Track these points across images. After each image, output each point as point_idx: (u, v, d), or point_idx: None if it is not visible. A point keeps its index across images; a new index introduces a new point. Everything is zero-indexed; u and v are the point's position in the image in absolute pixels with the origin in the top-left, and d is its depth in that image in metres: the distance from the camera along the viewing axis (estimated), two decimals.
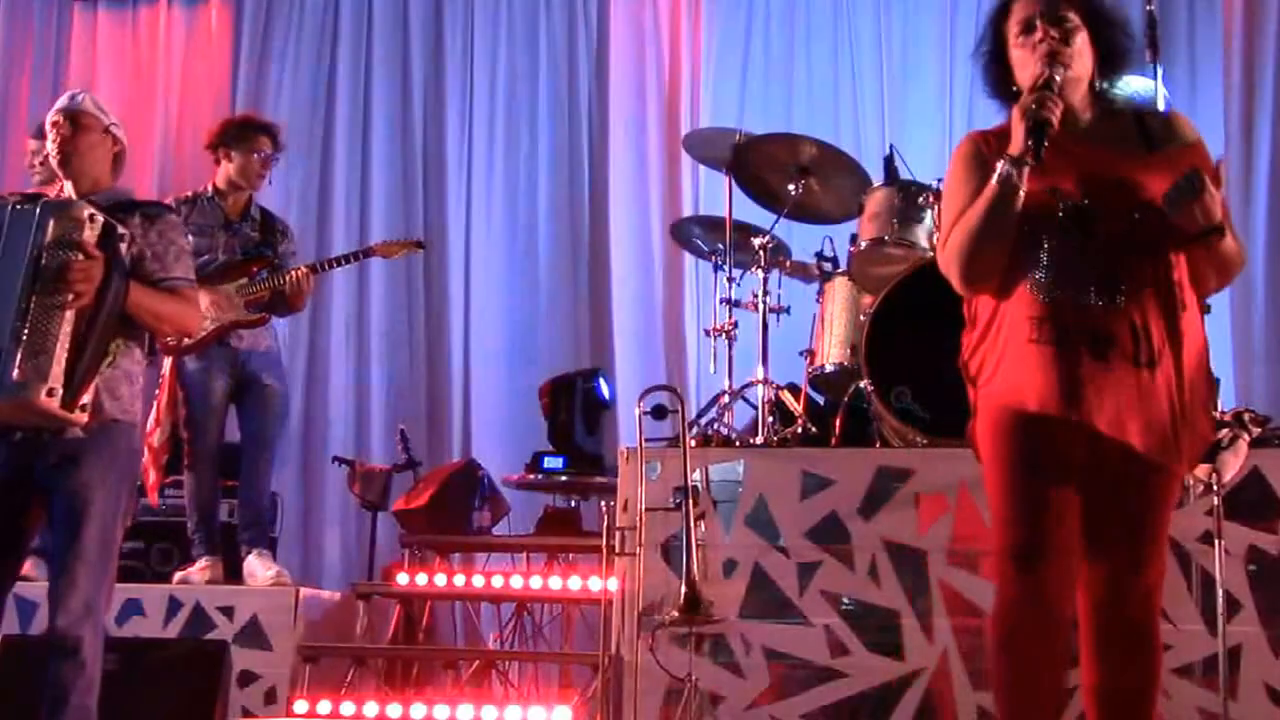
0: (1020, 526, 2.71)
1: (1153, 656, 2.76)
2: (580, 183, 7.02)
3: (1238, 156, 6.39)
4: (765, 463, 4.36)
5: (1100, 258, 2.70)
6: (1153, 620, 2.75)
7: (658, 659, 4.10)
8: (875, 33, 6.78)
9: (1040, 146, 2.68)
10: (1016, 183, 2.69)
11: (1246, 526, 3.99)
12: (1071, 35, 2.79)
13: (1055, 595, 2.70)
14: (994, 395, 2.78)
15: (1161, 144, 2.81)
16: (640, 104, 7.00)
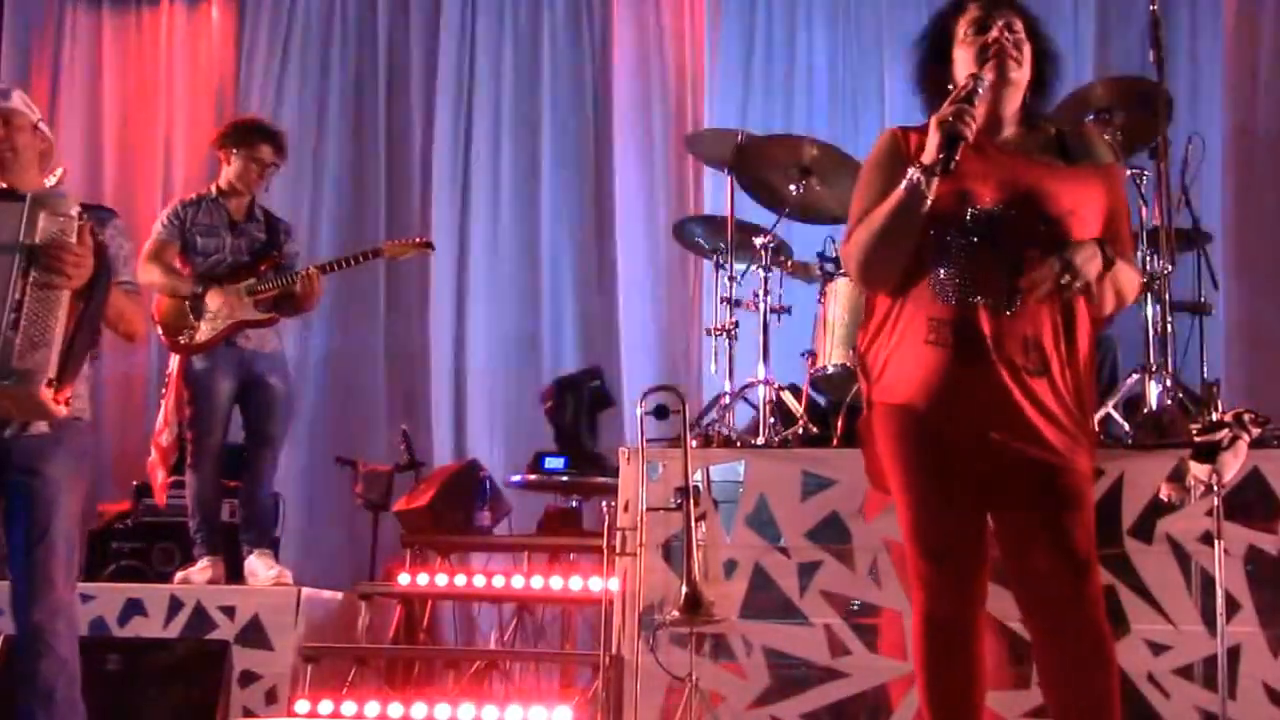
0: (928, 526, 2.78)
1: (1111, 664, 2.77)
2: (585, 182, 7.03)
3: (1235, 153, 6.39)
4: (766, 463, 4.37)
5: (1002, 265, 2.73)
6: (1105, 626, 2.77)
7: (658, 659, 4.11)
8: (878, 33, 6.79)
9: (951, 159, 2.70)
10: (924, 191, 2.71)
11: (1246, 527, 3.98)
12: (1021, 44, 2.85)
13: (972, 590, 2.77)
14: (887, 392, 2.83)
15: (1078, 160, 2.86)
16: (644, 103, 7.01)
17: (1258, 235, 6.41)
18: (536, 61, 7.12)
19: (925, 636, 2.82)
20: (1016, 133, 2.89)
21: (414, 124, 7.16)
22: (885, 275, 2.82)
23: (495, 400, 6.83)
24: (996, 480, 2.76)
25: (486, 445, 6.66)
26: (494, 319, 6.95)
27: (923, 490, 2.79)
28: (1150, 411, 4.51)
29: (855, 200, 2.91)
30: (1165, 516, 4.01)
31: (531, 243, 7.01)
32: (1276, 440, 4.25)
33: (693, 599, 3.86)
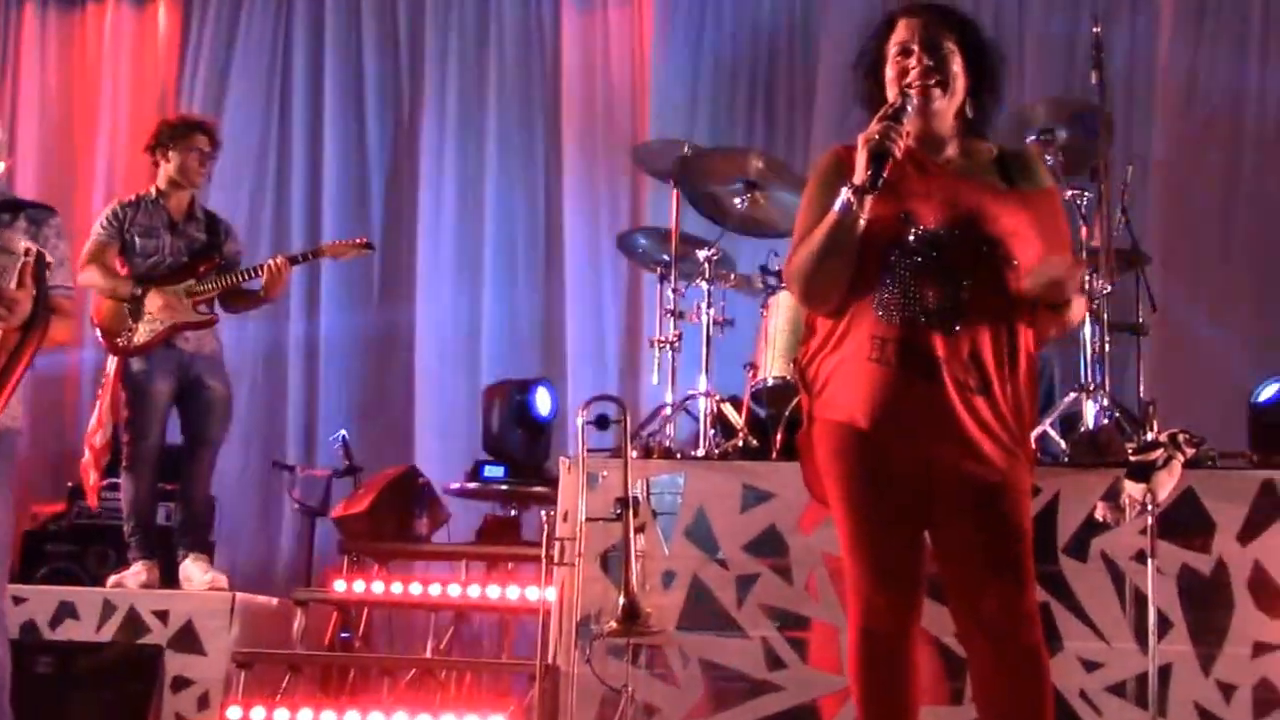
0: (866, 542, 2.78)
1: (1045, 681, 2.78)
2: (531, 192, 7.03)
3: (1173, 171, 6.49)
4: (706, 475, 4.37)
5: (944, 285, 2.74)
6: (1041, 643, 2.79)
7: (594, 669, 4.10)
8: (828, 48, 6.83)
9: (879, 176, 2.70)
10: (856, 211, 2.72)
11: (1179, 546, 4.04)
12: (945, 63, 2.84)
13: (908, 606, 2.78)
14: (828, 408, 2.83)
15: (1017, 181, 2.87)
16: (591, 114, 7.01)
17: (1192, 257, 6.50)
18: (484, 70, 7.10)
19: (861, 651, 2.83)
20: (958, 152, 2.90)
21: (362, 132, 7.11)
22: (826, 294, 2.83)
23: (436, 408, 6.80)
24: (935, 497, 2.77)
25: (426, 452, 6.62)
26: (436, 326, 6.92)
27: (861, 505, 2.80)
28: (1087, 430, 4.56)
29: (799, 218, 2.92)
30: (1100, 535, 4.06)
31: (476, 251, 6.99)
32: (1210, 461, 4.32)
33: (630, 610, 3.85)
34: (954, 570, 2.80)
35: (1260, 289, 6.46)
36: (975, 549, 2.76)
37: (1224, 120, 6.56)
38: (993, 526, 2.75)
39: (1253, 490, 4.10)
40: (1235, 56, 6.58)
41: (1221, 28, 6.62)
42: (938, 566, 2.83)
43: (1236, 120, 6.55)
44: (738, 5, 7.00)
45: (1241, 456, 4.96)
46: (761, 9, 6.98)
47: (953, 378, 2.72)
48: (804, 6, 6.94)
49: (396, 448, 6.71)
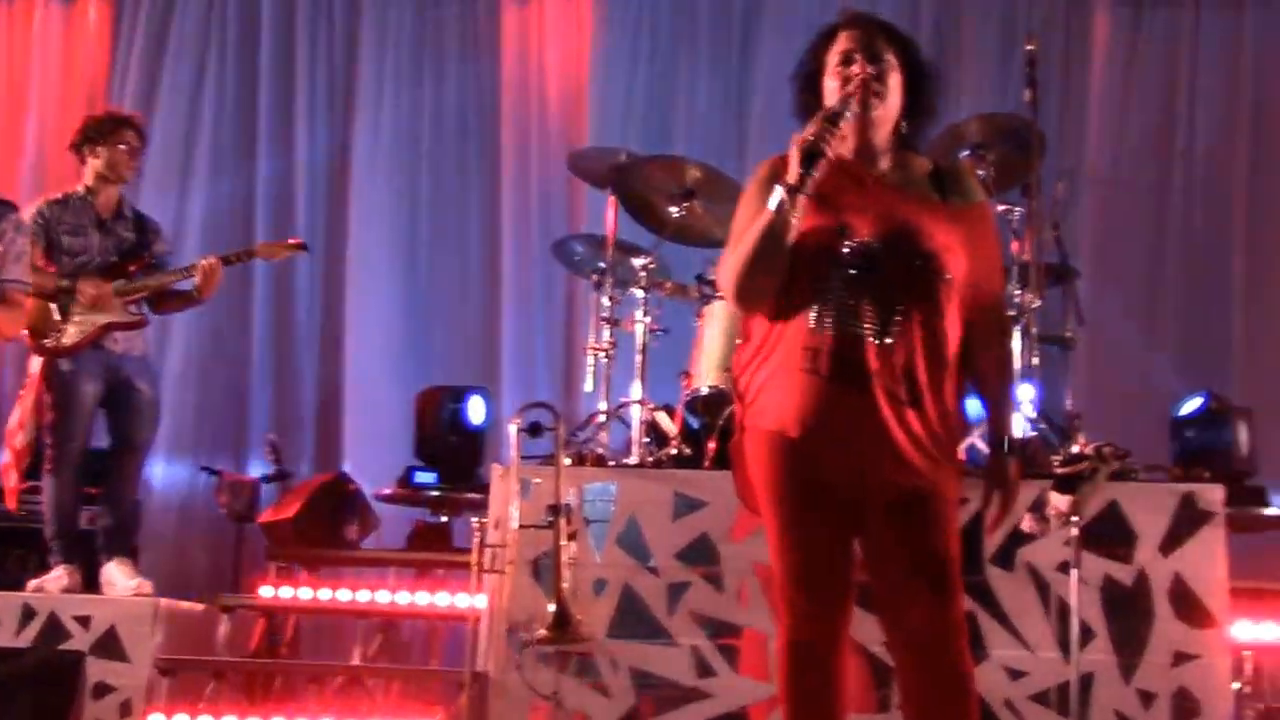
0: (796, 551, 2.80)
1: (971, 690, 2.81)
2: (468, 196, 7.00)
3: (1098, 187, 6.62)
4: (638, 483, 4.38)
5: (878, 297, 2.77)
6: (967, 652, 2.82)
7: (524, 677, 4.08)
8: (765, 57, 6.88)
9: (809, 175, 2.72)
10: (788, 210, 2.73)
11: (1103, 557, 4.10)
12: (885, 74, 2.87)
13: (837, 615, 2.81)
14: (760, 417, 2.85)
15: (951, 196, 2.91)
16: (529, 119, 7.00)
17: (1122, 272, 6.63)
18: (420, 72, 7.08)
19: (789, 659, 2.84)
20: (892, 165, 2.93)
21: (295, 131, 7.06)
22: (758, 296, 2.83)
23: (367, 413, 6.75)
24: (865, 506, 2.79)
25: (357, 458, 6.57)
26: (368, 331, 6.87)
27: (792, 515, 2.81)
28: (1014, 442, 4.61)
29: (735, 224, 2.93)
30: (1026, 545, 4.10)
31: (411, 255, 6.95)
32: (1134, 474, 4.39)
33: (560, 618, 3.84)
34: (882, 579, 2.83)
35: (1188, 305, 6.60)
36: (903, 559, 2.78)
37: (1156, 138, 6.71)
38: (921, 537, 2.78)
39: (1174, 503, 4.18)
40: (1167, 74, 6.73)
41: (1154, 46, 6.76)
42: (866, 575, 2.85)
43: (1168, 137, 6.69)
44: (675, 11, 7.03)
45: (1164, 470, 5.06)
46: (699, 16, 7.02)
47: (884, 389, 2.74)
48: (743, 16, 6.98)
49: (327, 453, 6.65)
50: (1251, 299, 6.55)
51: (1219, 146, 6.68)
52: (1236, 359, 6.50)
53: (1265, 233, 6.61)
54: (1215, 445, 5.34)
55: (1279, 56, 6.72)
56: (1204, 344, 6.54)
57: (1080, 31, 6.82)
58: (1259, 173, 6.65)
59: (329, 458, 6.62)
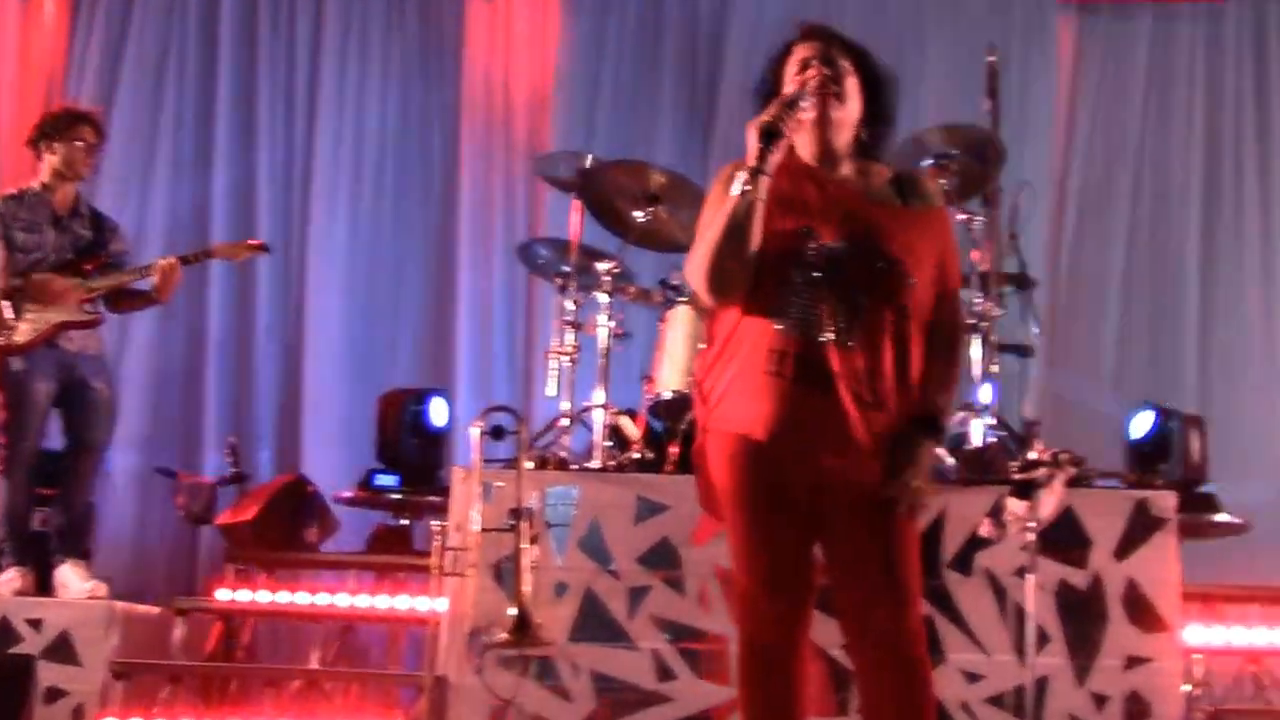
0: (758, 555, 2.82)
1: (929, 693, 2.84)
2: (431, 198, 6.99)
3: (1056, 198, 6.71)
4: (600, 487, 4.38)
5: (842, 300, 2.79)
6: (926, 656, 2.84)
7: (484, 680, 4.08)
8: (730, 63, 6.91)
9: (768, 153, 2.75)
10: (750, 192, 2.76)
11: (1058, 562, 4.15)
12: (842, 78, 2.91)
13: (797, 619, 2.83)
14: (724, 420, 2.86)
15: (911, 201, 2.95)
16: (493, 122, 7.00)
17: (1079, 281, 6.72)
18: (385, 73, 7.06)
19: (748, 663, 2.86)
20: (854, 171, 2.96)
21: (256, 131, 7.01)
22: (727, 284, 2.83)
23: (328, 415, 6.72)
24: (828, 511, 2.81)
25: (318, 460, 6.54)
26: (330, 333, 6.84)
27: (754, 519, 2.83)
28: (973, 449, 4.67)
29: (699, 226, 2.95)
30: (984, 550, 4.15)
31: (373, 256, 6.93)
32: (1089, 480, 4.46)
33: (521, 621, 3.85)
34: (843, 583, 2.84)
35: (1145, 313, 6.71)
36: (864, 563, 2.80)
37: (1115, 148, 6.81)
38: (882, 541, 2.80)
39: (1128, 509, 4.24)
40: (1128, 88, 6.84)
41: (1114, 57, 6.87)
42: (827, 579, 2.87)
43: (1127, 147, 6.80)
44: (642, 16, 7.05)
45: (1119, 476, 5.13)
46: (667, 22, 7.05)
47: (849, 392, 2.76)
48: (710, 24, 7.02)
49: (286, 455, 6.61)
50: (1206, 307, 6.67)
51: (1175, 156, 6.80)
52: (1190, 366, 6.60)
53: (1219, 241, 6.73)
54: (1167, 452, 5.41)
55: (1231, 68, 6.84)
56: (1160, 351, 6.64)
57: (1041, 43, 6.91)
58: (1212, 183, 6.77)
59: (289, 460, 6.58)
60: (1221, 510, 5.33)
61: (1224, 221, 6.74)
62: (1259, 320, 6.62)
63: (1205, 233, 6.73)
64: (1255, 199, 6.72)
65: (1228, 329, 6.63)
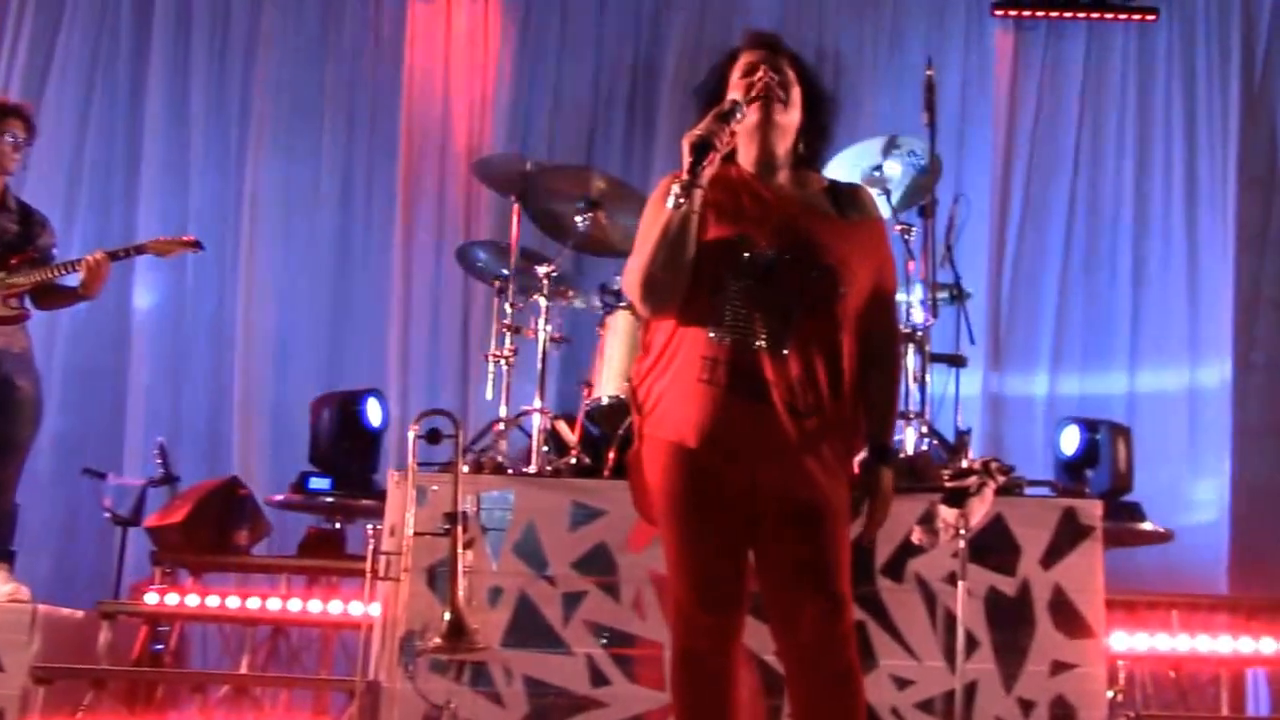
0: (692, 561, 2.83)
1: (860, 699, 2.86)
2: (370, 200, 6.94)
3: (998, 208, 6.83)
4: (536, 492, 4.38)
5: (776, 308, 2.82)
6: (857, 662, 2.86)
7: (416, 686, 4.05)
8: (673, 70, 6.94)
9: (698, 168, 2.77)
10: (685, 205, 2.78)
11: (988, 569, 4.21)
12: (788, 86, 2.94)
13: (731, 625, 2.85)
14: (659, 427, 2.88)
15: (847, 212, 2.98)
16: (433, 124, 6.97)
17: (1014, 291, 6.82)
18: (322, 71, 7.00)
19: (681, 668, 2.87)
20: (791, 180, 2.98)
21: (190, 129, 6.92)
22: (663, 296, 2.85)
23: (261, 417, 6.65)
24: (761, 518, 2.82)
25: (251, 463, 6.47)
26: (265, 333, 6.77)
27: (688, 525, 2.84)
28: (906, 456, 4.73)
29: (638, 236, 2.96)
30: (915, 557, 4.21)
31: (309, 256, 6.87)
32: (1019, 489, 4.52)
33: (455, 626, 3.83)
34: (775, 589, 2.86)
35: (1077, 324, 6.82)
36: (796, 569, 2.82)
37: (1051, 158, 6.93)
38: (814, 547, 2.81)
39: (1056, 517, 4.32)
40: (1064, 101, 6.96)
41: (1053, 73, 6.99)
42: (759, 585, 2.89)
43: (1063, 158, 6.91)
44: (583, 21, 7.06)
45: (1047, 485, 5.21)
46: (607, 26, 7.06)
47: (782, 400, 2.78)
48: (650, 28, 7.04)
49: (218, 457, 6.54)
50: (1137, 318, 6.80)
51: (1109, 169, 6.94)
52: (1120, 375, 6.73)
53: (1150, 252, 6.86)
54: (1095, 462, 5.51)
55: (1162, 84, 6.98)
56: (1091, 361, 6.77)
57: (980, 58, 7.02)
58: (1143, 196, 6.91)
59: (221, 462, 6.50)
60: (1146, 519, 5.44)
61: (1154, 233, 6.89)
62: (1184, 331, 6.77)
63: (1137, 245, 6.88)
64: (1181, 212, 6.87)
65: (1157, 339, 6.77)
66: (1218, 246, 6.79)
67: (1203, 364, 6.72)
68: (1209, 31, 6.99)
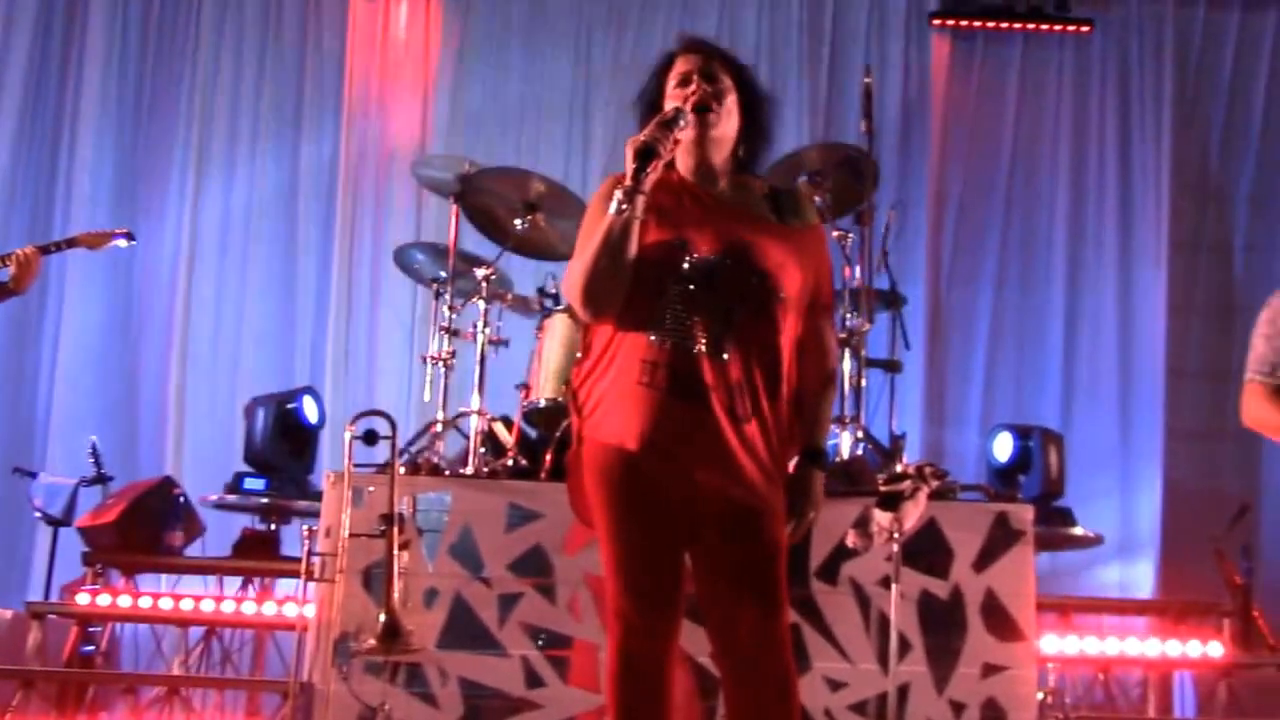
0: (629, 564, 2.84)
1: (794, 701, 2.88)
2: (307, 200, 6.89)
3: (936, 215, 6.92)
4: (473, 493, 4.37)
5: (716, 313, 2.83)
6: (792, 665, 2.88)
7: (350, 687, 4.04)
8: (612, 74, 6.96)
9: (641, 174, 2.79)
10: (627, 212, 2.79)
11: (921, 573, 4.26)
12: (723, 95, 2.95)
13: (667, 628, 2.85)
14: (598, 430, 2.89)
15: (787, 218, 3.00)
16: (370, 124, 6.94)
17: (950, 298, 6.90)
18: (261, 69, 6.95)
19: (618, 670, 2.88)
20: (730, 185, 3.00)
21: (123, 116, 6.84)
22: (604, 302, 2.85)
23: (196, 417, 6.59)
24: (699, 521, 2.84)
25: (186, 463, 6.40)
26: (198, 331, 6.71)
27: (626, 528, 2.85)
28: (842, 460, 4.77)
29: (579, 239, 2.97)
30: (850, 560, 4.24)
31: (247, 254, 6.82)
32: (952, 493, 4.58)
33: (390, 627, 3.81)
34: (711, 592, 2.87)
35: (1011, 331, 6.91)
36: (732, 572, 2.84)
37: (987, 166, 7.02)
38: (750, 550, 2.83)
39: (988, 522, 4.37)
40: (1002, 110, 7.05)
41: (991, 82, 7.08)
42: (695, 588, 2.90)
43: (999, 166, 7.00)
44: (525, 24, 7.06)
45: (980, 490, 5.28)
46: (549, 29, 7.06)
47: (721, 403, 2.80)
48: (589, 34, 7.05)
49: (153, 457, 6.47)
50: (1071, 325, 6.91)
51: (1044, 176, 7.04)
52: (1054, 383, 6.83)
53: (1082, 258, 6.97)
54: (1028, 467, 5.59)
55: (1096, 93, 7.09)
56: (1026, 368, 6.86)
57: (919, 66, 7.09)
58: (1078, 200, 7.02)
59: (155, 462, 6.43)
60: (1077, 524, 5.52)
61: (1088, 241, 7.00)
62: (1117, 337, 6.88)
63: (1071, 252, 6.98)
64: (1114, 219, 6.99)
65: (1090, 346, 6.88)
66: (1150, 254, 6.91)
67: (1135, 370, 6.83)
68: (1142, 43, 7.12)
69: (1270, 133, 7.06)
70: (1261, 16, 7.12)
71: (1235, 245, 7.02)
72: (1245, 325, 6.60)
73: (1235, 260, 7.00)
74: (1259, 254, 6.97)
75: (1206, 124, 7.10)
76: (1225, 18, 7.12)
